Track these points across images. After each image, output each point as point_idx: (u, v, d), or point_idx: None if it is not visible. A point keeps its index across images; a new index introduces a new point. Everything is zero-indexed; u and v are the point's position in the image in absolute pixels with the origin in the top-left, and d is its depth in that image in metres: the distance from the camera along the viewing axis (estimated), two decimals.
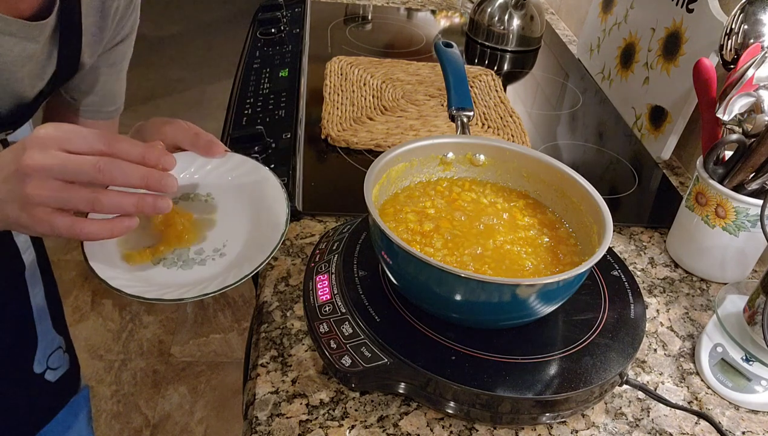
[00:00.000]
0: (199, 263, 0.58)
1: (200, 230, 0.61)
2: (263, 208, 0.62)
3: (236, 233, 0.61)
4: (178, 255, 0.59)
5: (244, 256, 0.59)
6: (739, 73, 0.72)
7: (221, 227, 0.61)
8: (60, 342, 0.85)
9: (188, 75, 3.25)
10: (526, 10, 1.35)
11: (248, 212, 0.63)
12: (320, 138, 0.96)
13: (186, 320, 1.96)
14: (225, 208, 0.63)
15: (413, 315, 0.59)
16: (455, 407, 0.55)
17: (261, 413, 0.57)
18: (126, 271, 0.56)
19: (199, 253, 0.59)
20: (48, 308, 0.83)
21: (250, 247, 0.59)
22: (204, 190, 0.64)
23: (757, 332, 0.62)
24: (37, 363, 0.81)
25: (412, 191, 0.69)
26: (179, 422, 1.68)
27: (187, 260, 0.58)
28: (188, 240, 0.60)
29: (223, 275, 0.56)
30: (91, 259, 0.54)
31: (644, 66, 1.08)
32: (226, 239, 0.60)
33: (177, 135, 0.62)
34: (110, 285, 0.53)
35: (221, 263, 0.58)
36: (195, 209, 0.62)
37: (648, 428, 0.60)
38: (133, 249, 0.58)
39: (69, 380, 0.88)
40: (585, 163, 1.01)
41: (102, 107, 0.77)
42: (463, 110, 0.75)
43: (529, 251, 0.62)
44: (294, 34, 1.25)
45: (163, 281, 0.56)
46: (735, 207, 0.72)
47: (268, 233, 0.59)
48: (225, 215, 0.62)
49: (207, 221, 0.62)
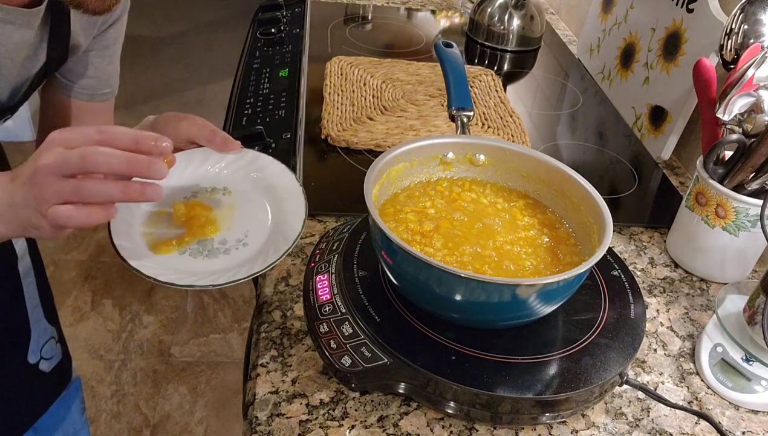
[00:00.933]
0: (223, 252, 0.60)
1: (222, 222, 0.63)
2: (281, 199, 0.65)
3: (257, 223, 0.63)
4: (202, 245, 0.61)
5: (267, 244, 0.61)
6: (739, 73, 0.72)
7: (241, 219, 0.64)
8: (52, 332, 0.86)
9: (188, 75, 3.25)
10: (526, 10, 1.35)
11: (267, 204, 0.65)
12: (320, 138, 0.96)
13: (186, 320, 1.96)
14: (243, 200, 0.65)
15: (413, 315, 0.59)
16: (455, 407, 0.55)
17: (261, 413, 0.57)
18: (155, 261, 0.58)
19: (222, 243, 0.61)
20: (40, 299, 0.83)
21: (272, 236, 0.62)
22: (221, 185, 0.66)
23: (757, 332, 0.62)
24: (31, 353, 0.82)
25: (412, 191, 0.69)
26: (179, 422, 1.68)
27: (212, 249, 0.61)
28: (211, 231, 0.62)
29: (249, 263, 0.58)
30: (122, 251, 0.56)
31: (644, 66, 1.08)
32: (247, 230, 0.62)
33: (193, 131, 0.64)
34: (143, 273, 0.54)
35: (245, 252, 0.60)
36: (214, 202, 0.65)
37: (648, 428, 0.60)
38: (159, 240, 0.60)
39: (62, 370, 0.89)
40: (585, 163, 1.01)
41: (96, 90, 0.79)
42: (463, 110, 0.75)
43: (529, 251, 0.62)
44: (294, 34, 1.25)
45: (191, 270, 0.58)
46: (735, 207, 0.72)
47: (290, 220, 0.61)
48: (244, 207, 0.65)
49: (227, 213, 0.64)
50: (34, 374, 0.83)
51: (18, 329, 0.80)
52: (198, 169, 0.66)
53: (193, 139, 0.64)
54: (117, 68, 0.81)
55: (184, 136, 0.64)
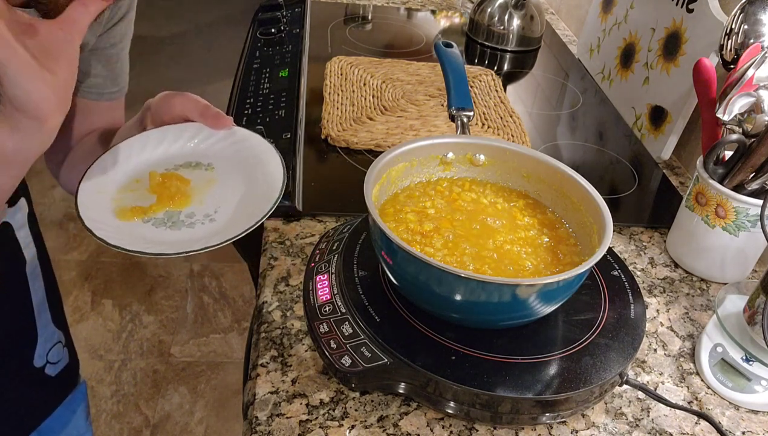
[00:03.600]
0: (188, 225, 0.60)
1: (196, 196, 0.63)
2: (260, 181, 0.64)
3: (229, 201, 0.63)
4: (168, 216, 0.60)
5: (232, 222, 0.60)
6: (739, 73, 0.72)
7: (216, 195, 0.63)
8: (59, 337, 0.86)
9: (188, 75, 3.25)
10: (526, 10, 1.35)
11: (245, 183, 0.64)
12: (320, 138, 0.96)
13: (186, 320, 1.96)
14: (224, 177, 0.65)
15: (413, 315, 0.59)
16: (455, 407, 0.55)
17: (261, 413, 0.57)
18: (114, 227, 0.58)
19: (189, 216, 0.61)
20: (48, 303, 0.83)
21: (240, 215, 0.61)
22: (206, 160, 0.66)
23: (757, 332, 0.62)
24: (37, 357, 0.81)
25: (412, 191, 0.69)
26: (179, 422, 1.68)
27: (177, 221, 0.60)
28: (180, 203, 0.62)
29: (207, 238, 0.58)
30: (83, 209, 0.56)
31: (644, 66, 1.08)
32: (218, 206, 0.62)
33: (186, 106, 0.64)
34: (94, 234, 0.54)
35: (209, 228, 0.60)
36: (194, 176, 0.64)
37: (648, 428, 0.60)
38: (126, 207, 0.60)
39: (68, 374, 0.88)
40: (585, 163, 1.01)
41: (104, 89, 0.78)
42: (463, 110, 0.75)
43: (529, 251, 0.62)
44: (294, 34, 1.25)
45: (149, 238, 0.58)
46: (735, 207, 0.72)
47: (261, 204, 0.61)
48: (222, 184, 0.64)
49: (204, 188, 0.63)
50: (39, 378, 0.82)
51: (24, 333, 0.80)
52: (187, 144, 0.66)
53: (186, 114, 0.65)
54: (126, 67, 0.80)
55: (178, 111, 0.64)
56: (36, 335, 0.81)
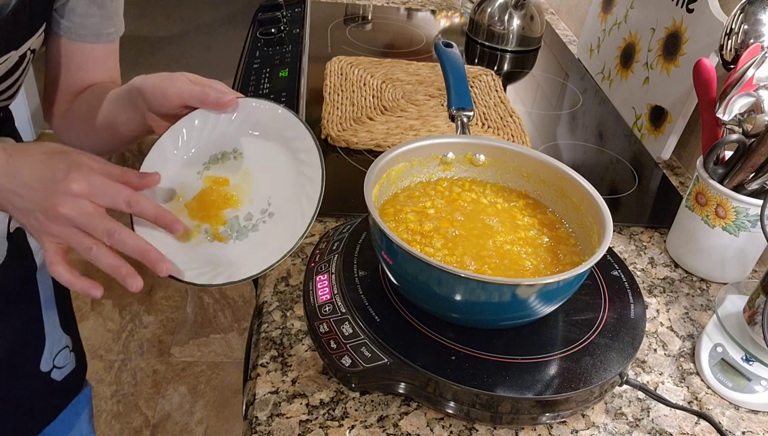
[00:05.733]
0: (251, 229, 0.58)
1: (243, 193, 0.60)
2: (292, 149, 0.60)
3: (276, 183, 0.59)
4: (230, 226, 0.58)
5: (290, 206, 0.57)
6: (739, 73, 0.72)
7: (260, 183, 0.60)
8: (67, 341, 0.85)
9: None
10: (526, 10, 1.35)
11: (279, 158, 0.60)
12: (320, 138, 0.96)
13: (186, 320, 1.96)
14: (256, 160, 0.61)
15: (413, 315, 0.59)
16: (455, 407, 0.55)
17: (261, 413, 0.57)
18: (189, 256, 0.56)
19: (248, 218, 0.58)
20: (57, 308, 0.83)
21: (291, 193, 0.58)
22: (230, 147, 0.62)
23: (757, 332, 0.62)
24: (44, 362, 0.81)
25: (412, 191, 0.69)
26: (179, 422, 1.68)
27: (240, 229, 0.58)
28: (235, 202, 0.59)
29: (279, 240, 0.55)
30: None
31: (644, 66, 1.08)
32: (269, 195, 0.59)
33: (183, 95, 0.60)
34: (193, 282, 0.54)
35: (274, 224, 0.57)
36: (229, 171, 0.61)
37: (648, 428, 0.60)
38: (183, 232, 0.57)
39: (74, 379, 0.88)
40: (585, 163, 1.01)
41: (102, 29, 0.75)
42: (463, 110, 0.75)
43: (529, 251, 0.62)
44: (294, 34, 1.25)
45: (227, 260, 0.56)
46: (735, 207, 0.72)
47: (307, 172, 0.57)
48: (259, 168, 0.60)
49: (245, 180, 0.60)
50: (45, 382, 0.82)
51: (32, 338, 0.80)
52: (201, 136, 0.61)
53: (185, 102, 0.61)
54: (120, 7, 0.77)
55: (176, 102, 0.60)
56: (44, 339, 0.81)
